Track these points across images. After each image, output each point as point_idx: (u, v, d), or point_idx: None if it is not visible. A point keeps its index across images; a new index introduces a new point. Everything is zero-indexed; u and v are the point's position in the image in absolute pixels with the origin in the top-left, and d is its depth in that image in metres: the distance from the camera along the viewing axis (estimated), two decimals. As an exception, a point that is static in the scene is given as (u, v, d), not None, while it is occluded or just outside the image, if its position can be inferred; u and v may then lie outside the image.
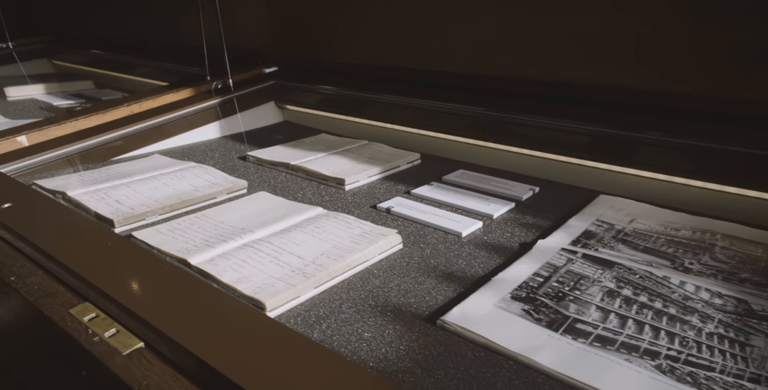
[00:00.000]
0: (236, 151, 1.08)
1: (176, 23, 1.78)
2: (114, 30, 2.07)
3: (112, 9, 2.01)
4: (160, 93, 1.20)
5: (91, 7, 2.12)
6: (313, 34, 1.33)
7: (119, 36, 2.06)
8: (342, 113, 1.22)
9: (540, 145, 0.94)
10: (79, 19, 2.22)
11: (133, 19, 1.95)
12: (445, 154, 1.05)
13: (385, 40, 1.22)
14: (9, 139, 0.96)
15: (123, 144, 1.04)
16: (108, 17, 2.06)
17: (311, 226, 0.68)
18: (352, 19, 1.25)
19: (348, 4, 1.24)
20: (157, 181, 0.84)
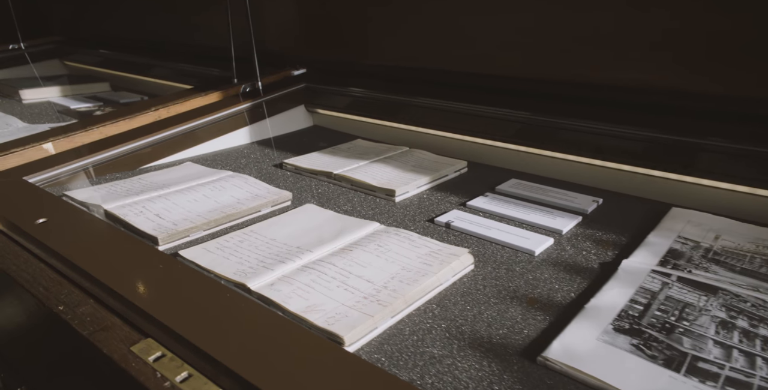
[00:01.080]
0: (270, 159, 1.03)
1: (195, 23, 1.73)
2: (127, 30, 2.02)
3: (125, 9, 1.96)
4: (187, 97, 1.14)
5: (103, 7, 2.07)
6: (344, 35, 1.27)
7: (133, 36, 2.01)
8: (375, 117, 1.17)
9: (594, 152, 0.89)
10: (91, 19, 2.17)
11: (148, 19, 1.89)
12: (489, 161, 0.99)
13: (420, 40, 1.16)
14: (35, 146, 0.91)
15: (152, 151, 0.98)
16: (121, 17, 2.01)
17: (373, 245, 0.63)
18: (386, 19, 1.20)
19: (382, 2, 1.19)
20: (196, 193, 0.78)
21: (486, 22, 1.06)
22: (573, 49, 0.97)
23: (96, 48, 2.10)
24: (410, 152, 1.01)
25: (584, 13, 0.93)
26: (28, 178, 0.82)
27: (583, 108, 0.96)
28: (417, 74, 1.22)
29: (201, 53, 1.76)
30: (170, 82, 1.70)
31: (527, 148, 0.96)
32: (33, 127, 1.25)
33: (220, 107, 1.10)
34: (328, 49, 1.31)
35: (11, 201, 0.72)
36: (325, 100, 1.25)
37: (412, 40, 1.17)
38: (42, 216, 0.67)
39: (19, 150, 0.90)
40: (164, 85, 1.71)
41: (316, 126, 1.28)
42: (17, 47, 2.13)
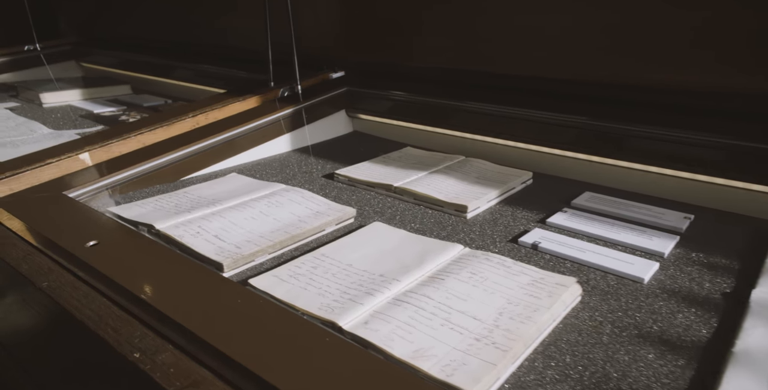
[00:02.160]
0: (316, 169, 0.96)
1: (220, 23, 1.67)
2: (145, 30, 1.96)
3: (144, 9, 1.90)
4: (225, 102, 1.08)
5: (121, 7, 2.00)
6: (386, 35, 1.21)
7: (152, 37, 1.95)
8: (421, 123, 1.10)
9: (669, 162, 0.82)
10: (108, 20, 2.11)
11: (169, 19, 1.83)
12: (550, 171, 0.93)
13: (469, 41, 1.10)
14: (71, 157, 0.85)
15: (193, 161, 0.92)
16: (140, 17, 1.94)
17: (465, 272, 0.56)
18: (433, 18, 1.13)
19: (430, 1, 1.12)
20: (252, 210, 0.72)
21: (544, 21, 0.99)
22: (644, 50, 0.90)
23: (113, 49, 2.04)
24: (468, 162, 0.94)
25: (656, 13, 0.87)
26: (68, 193, 0.76)
27: (654, 113, 0.89)
28: (465, 77, 1.15)
29: (226, 54, 1.70)
30: (194, 84, 1.64)
31: (594, 157, 0.89)
32: (59, 134, 1.19)
33: (262, 113, 1.03)
34: (368, 50, 1.25)
35: (55, 220, 0.66)
36: (367, 104, 1.19)
37: (460, 41, 1.11)
38: (91, 237, 0.61)
39: (54, 161, 0.83)
40: (187, 88, 1.65)
41: (356, 132, 1.21)
42: (32, 48, 2.07)
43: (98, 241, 0.60)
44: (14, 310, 0.60)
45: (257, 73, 1.56)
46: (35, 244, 0.61)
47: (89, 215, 0.68)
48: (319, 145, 1.11)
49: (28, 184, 0.80)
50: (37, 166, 0.82)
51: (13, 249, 0.58)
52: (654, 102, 0.92)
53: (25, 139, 1.15)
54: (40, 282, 0.52)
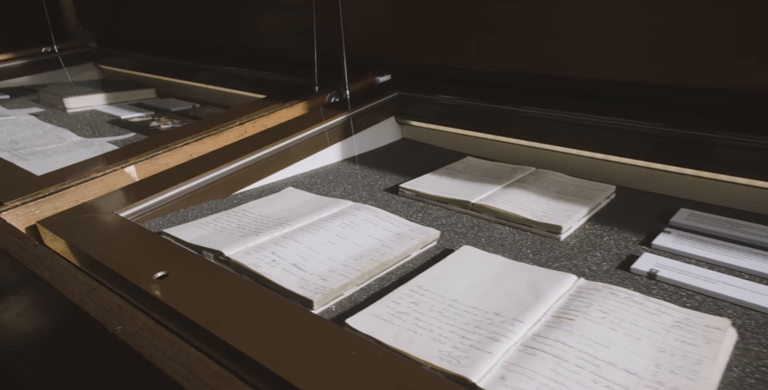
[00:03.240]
0: (374, 181, 0.89)
1: (245, 23, 1.60)
2: (167, 31, 1.89)
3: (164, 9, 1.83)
4: (271, 108, 1.01)
5: (140, 7, 1.93)
6: (438, 35, 1.13)
7: (174, 37, 1.88)
8: (477, 130, 1.03)
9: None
10: (127, 20, 2.04)
11: (191, 19, 1.76)
12: (628, 184, 0.85)
13: (534, 41, 1.02)
14: (117, 170, 0.78)
15: (245, 173, 0.85)
16: (160, 18, 1.88)
17: (594, 311, 0.49)
18: (488, 17, 1.06)
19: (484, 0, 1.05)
20: (326, 232, 0.65)
21: (626, 20, 0.91)
22: (727, 53, 0.83)
23: (133, 50, 1.97)
24: (542, 174, 0.87)
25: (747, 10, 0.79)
26: (119, 212, 0.69)
27: (747, 121, 0.82)
28: (527, 80, 1.08)
29: (252, 55, 1.63)
30: (221, 87, 1.57)
31: (685, 169, 0.82)
32: (89, 142, 1.12)
33: (312, 122, 0.96)
34: (417, 51, 1.17)
35: (112, 245, 0.59)
36: (418, 110, 1.11)
37: (523, 41, 1.04)
38: (158, 267, 0.54)
39: (99, 175, 0.76)
40: (214, 91, 1.58)
41: (404, 139, 1.14)
42: (50, 50, 2.00)
43: (167, 271, 0.53)
44: (83, 358, 0.53)
45: (286, 75, 1.49)
46: (92, 273, 0.54)
47: (148, 239, 0.61)
48: (368, 155, 1.04)
49: (72, 201, 0.73)
50: (82, 181, 0.75)
51: (74, 282, 0.51)
52: (753, 108, 0.84)
53: (55, 148, 1.08)
54: (112, 325, 0.45)
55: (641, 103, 0.93)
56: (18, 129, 1.20)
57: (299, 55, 1.50)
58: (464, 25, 1.09)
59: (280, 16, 1.51)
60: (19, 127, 1.21)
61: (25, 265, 0.54)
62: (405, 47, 1.19)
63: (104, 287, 0.51)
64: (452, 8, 1.10)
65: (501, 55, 1.07)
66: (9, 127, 1.21)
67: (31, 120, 1.28)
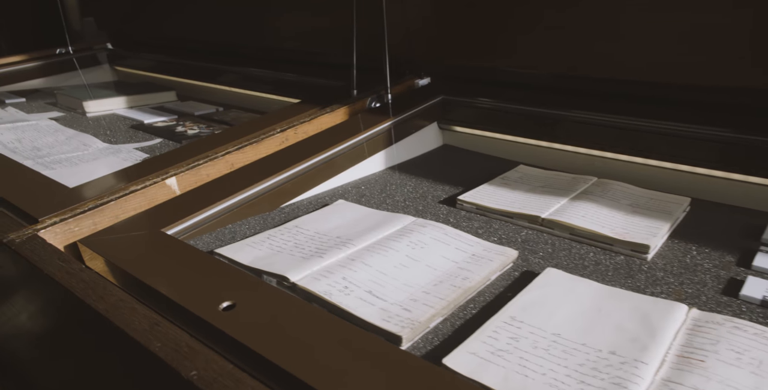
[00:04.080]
0: (425, 192, 0.83)
1: (267, 23, 1.55)
2: (183, 32, 1.83)
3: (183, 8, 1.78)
4: (311, 114, 0.95)
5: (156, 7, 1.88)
6: (481, 37, 1.08)
7: (191, 38, 1.83)
8: (527, 136, 0.97)
9: None
10: (142, 21, 1.99)
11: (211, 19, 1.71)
12: (698, 195, 0.79)
13: (582, 42, 0.97)
14: (157, 183, 0.72)
15: (291, 185, 0.79)
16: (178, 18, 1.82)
17: (724, 349, 0.43)
18: (537, 17, 1.00)
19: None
20: (395, 253, 0.59)
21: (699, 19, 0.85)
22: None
23: (149, 51, 1.92)
24: (606, 185, 0.81)
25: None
26: (165, 230, 0.63)
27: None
28: (575, 83, 1.02)
29: (273, 56, 1.57)
30: (243, 90, 1.52)
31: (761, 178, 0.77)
32: (116, 149, 1.07)
33: (358, 130, 0.90)
34: (458, 53, 1.12)
35: (166, 269, 0.53)
36: (461, 115, 1.06)
37: (571, 43, 0.98)
38: (222, 296, 0.48)
39: (139, 188, 0.71)
40: (237, 94, 1.52)
41: (446, 145, 1.09)
42: (64, 51, 1.95)
43: (232, 301, 0.48)
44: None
45: (310, 77, 1.44)
46: (145, 300, 0.49)
47: (204, 262, 0.55)
48: (412, 163, 0.98)
49: (112, 217, 0.68)
50: (121, 195, 0.69)
51: (134, 316, 0.45)
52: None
53: (80, 156, 1.02)
54: (185, 369, 0.39)
55: (704, 107, 0.87)
56: (40, 135, 1.15)
57: (324, 56, 1.45)
58: (511, 25, 1.03)
59: (303, 16, 1.45)
60: (40, 133, 1.15)
61: (74, 293, 0.49)
62: (445, 49, 1.13)
63: (167, 321, 0.45)
64: (497, 7, 1.04)
65: (550, 56, 1.01)
66: (30, 132, 1.15)
67: (52, 125, 1.22)
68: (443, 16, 1.10)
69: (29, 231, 0.62)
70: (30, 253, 0.57)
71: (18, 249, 0.58)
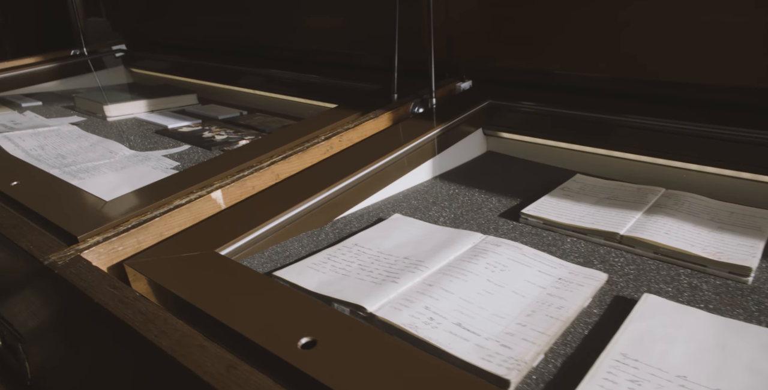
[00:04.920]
0: (482, 204, 0.78)
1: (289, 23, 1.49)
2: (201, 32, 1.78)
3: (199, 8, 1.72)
4: (353, 119, 0.90)
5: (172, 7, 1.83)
6: (527, 37, 1.03)
7: (208, 39, 1.78)
8: (581, 143, 0.92)
9: None
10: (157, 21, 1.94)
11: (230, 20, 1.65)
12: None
13: (641, 44, 0.91)
14: (202, 196, 0.67)
15: (342, 198, 0.74)
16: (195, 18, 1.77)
17: None
18: (586, 16, 0.95)
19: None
20: (476, 277, 0.54)
21: (746, 22, 0.81)
22: None
23: (165, 53, 1.87)
24: (678, 197, 0.75)
25: None
26: (219, 251, 0.58)
27: None
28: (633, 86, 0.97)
29: (294, 57, 1.52)
30: (266, 92, 1.47)
31: None
32: (144, 156, 1.02)
33: (408, 137, 0.85)
34: (502, 55, 1.06)
35: (233, 300, 0.48)
36: (508, 120, 1.00)
37: (629, 44, 0.93)
38: (299, 330, 0.43)
39: (184, 203, 0.66)
40: (260, 97, 1.47)
41: (490, 152, 1.03)
42: (78, 53, 1.90)
43: (312, 337, 0.43)
44: None
45: (335, 79, 1.39)
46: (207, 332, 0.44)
47: (269, 289, 0.50)
48: (458, 171, 0.93)
49: (157, 235, 0.62)
50: (165, 210, 0.64)
51: (205, 356, 0.40)
52: None
53: (108, 164, 0.97)
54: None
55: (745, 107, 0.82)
56: (63, 141, 1.09)
57: (349, 58, 1.40)
58: (563, 25, 0.98)
59: (326, 16, 1.40)
60: (63, 139, 1.10)
61: (133, 327, 0.44)
62: (487, 50, 1.08)
63: (243, 362, 0.40)
64: (546, 6, 0.99)
65: (603, 59, 0.96)
66: (53, 138, 1.10)
67: (74, 130, 1.17)
68: (488, 15, 1.05)
69: (71, 252, 0.56)
70: (76, 277, 0.52)
71: (62, 273, 0.52)
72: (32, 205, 0.67)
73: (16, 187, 0.76)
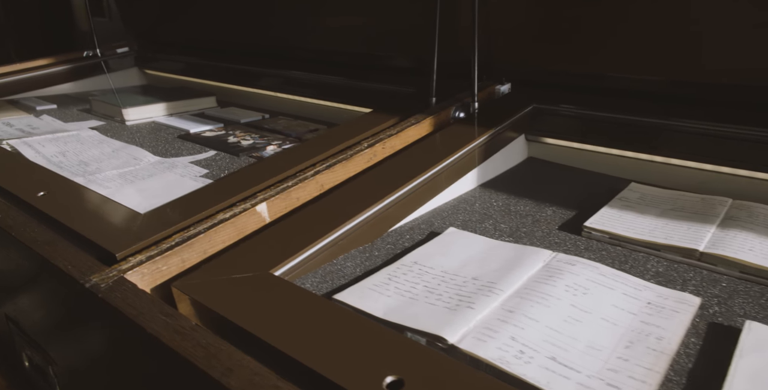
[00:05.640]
0: (536, 216, 0.73)
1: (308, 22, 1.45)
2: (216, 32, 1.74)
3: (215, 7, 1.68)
4: (394, 124, 0.85)
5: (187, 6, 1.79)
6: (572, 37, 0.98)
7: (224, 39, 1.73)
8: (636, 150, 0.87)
9: None
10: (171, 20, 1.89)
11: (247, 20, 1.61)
12: None
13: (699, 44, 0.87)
14: (247, 210, 0.62)
15: (392, 210, 0.69)
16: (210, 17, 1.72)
17: None
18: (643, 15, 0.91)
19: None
20: (558, 302, 0.49)
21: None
22: None
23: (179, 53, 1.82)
24: (749, 208, 0.70)
25: None
26: (274, 272, 0.53)
27: None
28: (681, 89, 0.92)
29: (311, 58, 1.48)
30: (286, 94, 1.42)
31: None
32: (171, 163, 0.97)
33: (457, 144, 0.80)
34: (544, 56, 1.02)
35: (301, 331, 0.43)
36: (551, 125, 0.96)
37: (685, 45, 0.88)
38: (382, 368, 0.39)
39: (228, 217, 0.61)
40: (280, 99, 1.43)
41: (531, 158, 0.98)
42: (91, 54, 1.85)
43: (397, 375, 0.38)
44: None
45: (357, 81, 1.35)
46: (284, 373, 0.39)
47: (337, 317, 0.45)
48: (502, 179, 0.88)
49: (201, 252, 0.58)
50: (210, 225, 0.59)
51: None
52: None
53: (133, 171, 0.93)
54: None
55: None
56: (84, 147, 1.05)
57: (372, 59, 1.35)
58: (616, 24, 0.93)
59: (349, 15, 1.36)
60: (84, 145, 1.06)
61: (195, 364, 0.39)
62: (528, 51, 1.03)
63: (327, 409, 0.35)
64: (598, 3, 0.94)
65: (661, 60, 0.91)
66: (74, 144, 1.06)
67: (95, 135, 1.13)
68: (532, 14, 1.00)
69: (113, 273, 0.52)
70: (122, 302, 0.47)
71: (107, 297, 0.48)
72: (64, 218, 0.63)
73: (44, 197, 0.71)
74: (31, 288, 0.63)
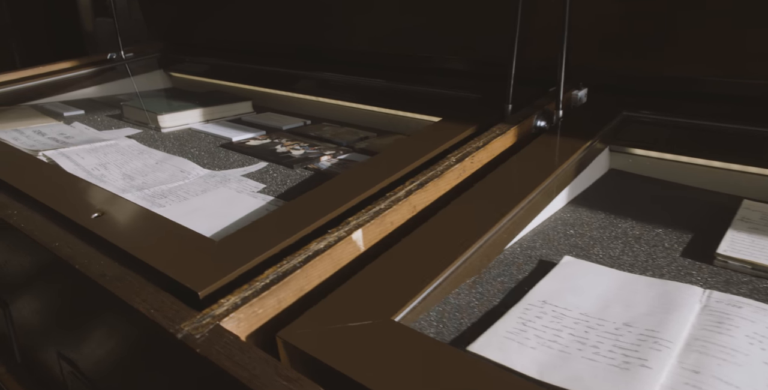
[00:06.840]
0: (643, 238, 0.65)
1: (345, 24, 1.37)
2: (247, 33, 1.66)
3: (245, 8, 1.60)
4: (479, 135, 0.77)
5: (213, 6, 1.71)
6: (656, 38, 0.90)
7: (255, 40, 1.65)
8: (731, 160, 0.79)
9: None
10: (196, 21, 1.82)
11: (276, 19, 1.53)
12: None
13: None
14: (342, 238, 0.54)
15: (496, 238, 0.61)
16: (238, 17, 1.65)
17: None
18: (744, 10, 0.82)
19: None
20: (746, 359, 0.41)
21: None
22: None
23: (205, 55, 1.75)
24: None
25: None
26: (395, 317, 0.45)
27: None
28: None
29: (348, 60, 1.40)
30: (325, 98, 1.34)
31: None
32: (222, 176, 0.89)
33: (557, 160, 0.71)
34: (628, 58, 0.94)
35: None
36: (638, 135, 0.87)
37: None
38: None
39: (323, 247, 0.53)
40: (319, 103, 1.35)
41: (613, 170, 0.90)
42: (114, 57, 1.77)
43: None
44: None
45: (401, 83, 1.27)
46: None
47: (492, 379, 0.37)
48: (590, 196, 0.79)
49: (297, 290, 0.50)
50: (305, 258, 0.51)
51: None
52: None
53: (184, 186, 0.85)
54: None
55: None
56: (125, 158, 0.97)
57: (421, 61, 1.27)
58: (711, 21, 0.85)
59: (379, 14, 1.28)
60: (125, 156, 0.98)
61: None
62: (607, 53, 0.95)
63: None
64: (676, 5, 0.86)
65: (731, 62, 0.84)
66: (114, 155, 0.98)
67: (134, 145, 1.05)
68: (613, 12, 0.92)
69: (207, 319, 0.44)
70: (229, 361, 0.39)
71: (206, 352, 0.40)
72: (131, 248, 0.55)
73: (99, 220, 0.63)
74: (95, 329, 0.55)
